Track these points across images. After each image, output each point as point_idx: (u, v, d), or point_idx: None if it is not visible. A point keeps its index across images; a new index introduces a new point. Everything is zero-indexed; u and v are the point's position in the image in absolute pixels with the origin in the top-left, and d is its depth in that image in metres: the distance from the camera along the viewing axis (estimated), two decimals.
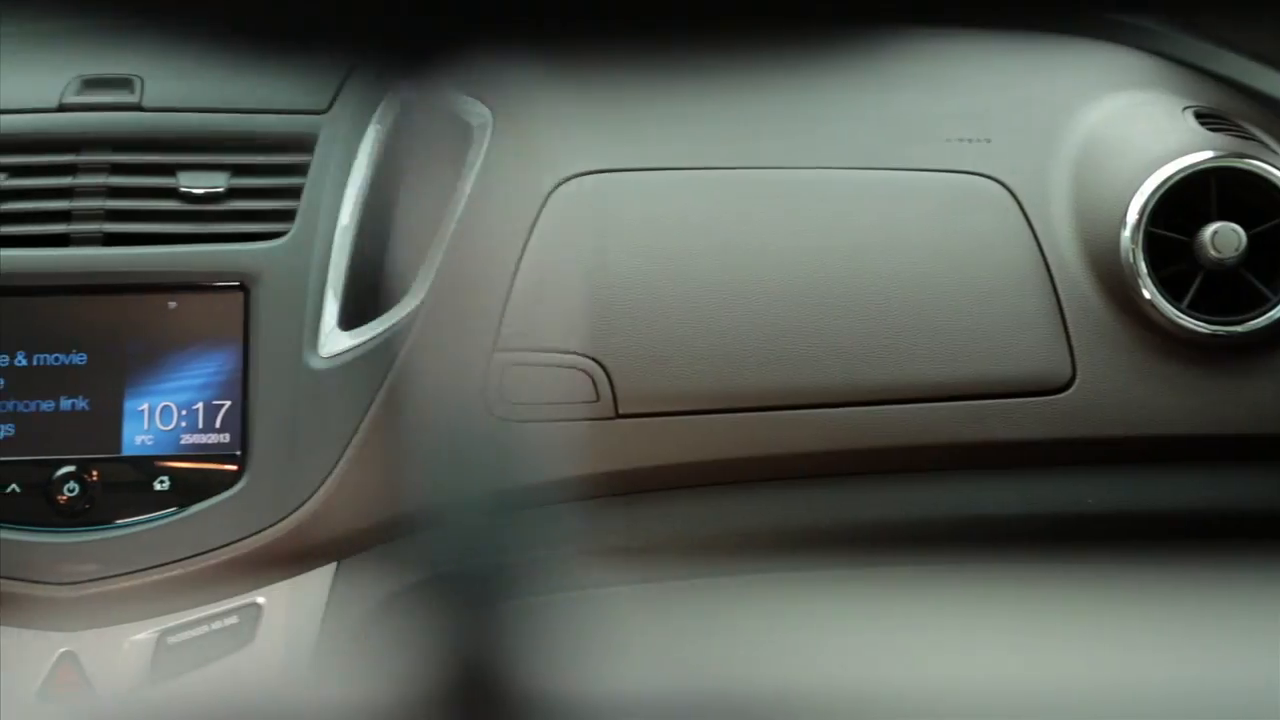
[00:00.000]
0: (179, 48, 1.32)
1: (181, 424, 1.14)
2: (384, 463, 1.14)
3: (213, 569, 1.12)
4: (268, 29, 1.33)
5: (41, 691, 1.12)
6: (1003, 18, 1.42)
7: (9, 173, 1.19)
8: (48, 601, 1.11)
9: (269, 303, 1.15)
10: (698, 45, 1.38)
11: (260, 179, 1.21)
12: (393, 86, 1.29)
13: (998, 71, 1.38)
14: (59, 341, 1.14)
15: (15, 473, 1.12)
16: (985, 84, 1.36)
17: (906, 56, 1.41)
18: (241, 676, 1.13)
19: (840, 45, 1.42)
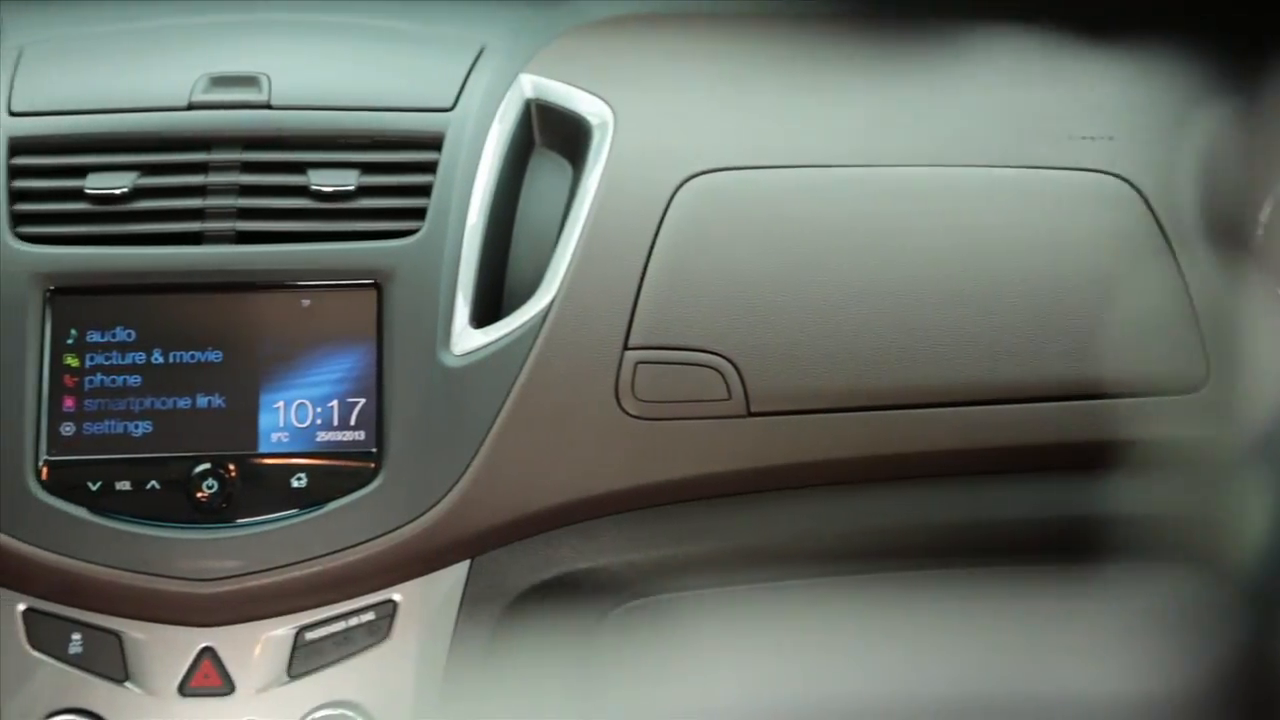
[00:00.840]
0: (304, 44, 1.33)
1: (317, 421, 1.14)
2: (517, 460, 1.14)
3: (350, 566, 1.12)
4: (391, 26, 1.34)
5: (182, 686, 1.12)
6: (1122, 14, 1.41)
7: (141, 171, 1.20)
8: (188, 598, 1.11)
9: (402, 300, 1.16)
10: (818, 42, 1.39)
11: (390, 177, 1.21)
12: (513, 83, 1.29)
13: (1117, 68, 1.38)
14: (195, 339, 1.15)
15: (155, 470, 1.13)
16: (1105, 81, 1.35)
17: (1024, 53, 1.41)
18: (374, 673, 1.14)
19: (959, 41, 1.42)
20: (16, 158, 1.20)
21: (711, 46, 1.41)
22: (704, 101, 1.31)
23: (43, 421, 1.12)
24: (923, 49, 1.43)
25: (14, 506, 1.11)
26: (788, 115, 1.30)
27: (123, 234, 1.17)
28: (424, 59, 1.33)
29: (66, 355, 1.14)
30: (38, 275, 1.15)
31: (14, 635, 1.13)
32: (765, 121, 1.29)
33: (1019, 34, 1.45)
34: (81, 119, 1.22)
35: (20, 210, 1.17)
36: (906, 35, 1.45)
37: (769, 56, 1.39)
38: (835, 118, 1.30)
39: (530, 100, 1.28)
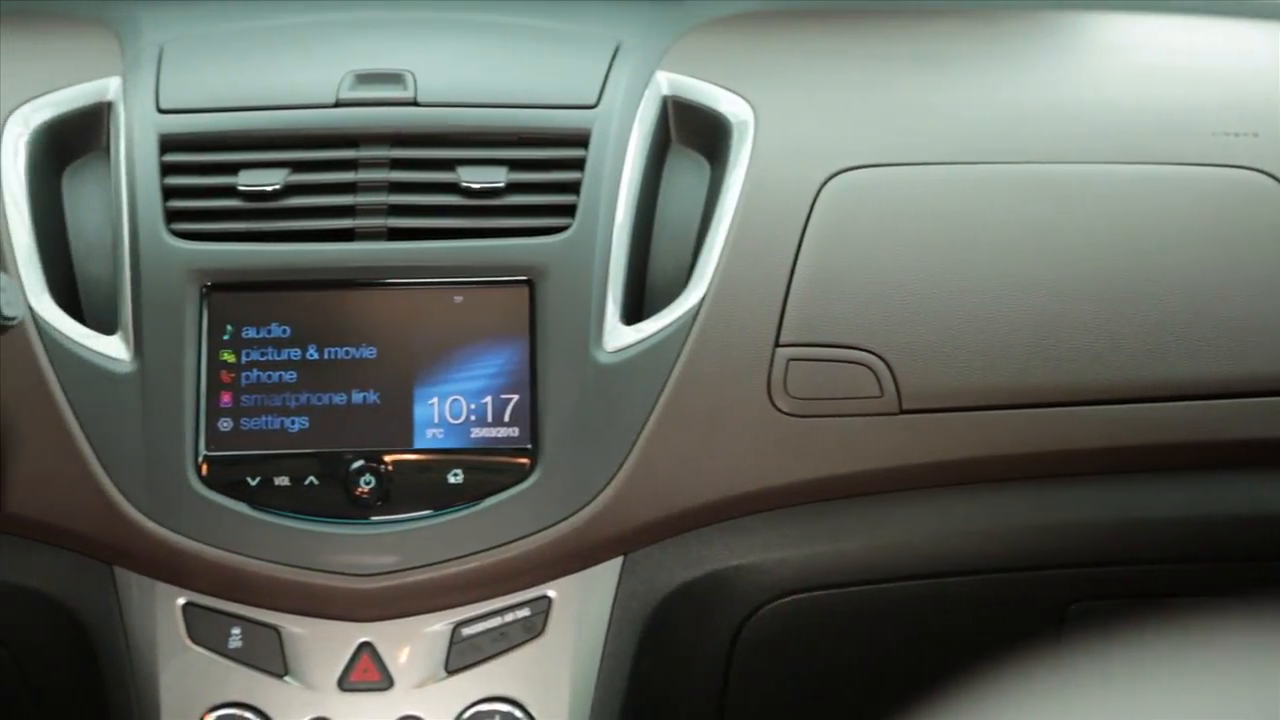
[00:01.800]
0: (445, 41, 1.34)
1: (471, 417, 1.15)
2: (672, 456, 1.14)
3: (506, 562, 1.13)
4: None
5: (342, 681, 1.13)
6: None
7: (292, 168, 1.20)
8: (348, 593, 1.12)
9: (555, 297, 1.16)
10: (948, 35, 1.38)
11: (538, 174, 1.21)
12: (650, 81, 1.29)
13: (1254, 62, 1.37)
14: (349, 335, 1.16)
15: (312, 465, 1.13)
16: (1243, 76, 1.34)
17: (1160, 48, 1.40)
18: (530, 669, 1.14)
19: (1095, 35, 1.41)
20: (167, 155, 1.21)
21: (842, 42, 1.41)
22: (842, 97, 1.31)
23: (201, 417, 1.13)
24: (1059, 42, 1.43)
25: (175, 502, 1.11)
26: (926, 111, 1.30)
27: (275, 231, 1.18)
28: (563, 56, 1.33)
29: (223, 351, 1.15)
30: (193, 272, 1.15)
31: (174, 629, 1.14)
32: (904, 117, 1.29)
33: (1155, 27, 1.44)
34: (231, 116, 1.23)
35: (173, 207, 1.18)
36: (1041, 28, 1.45)
37: (901, 51, 1.39)
38: (973, 113, 1.30)
39: (667, 97, 1.29)
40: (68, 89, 1.27)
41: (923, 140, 1.26)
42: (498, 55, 1.33)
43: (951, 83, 1.33)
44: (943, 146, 1.26)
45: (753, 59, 1.35)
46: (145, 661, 1.14)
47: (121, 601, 1.15)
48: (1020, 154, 1.26)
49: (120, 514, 1.11)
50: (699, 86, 1.29)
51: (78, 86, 1.28)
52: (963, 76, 1.35)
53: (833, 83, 1.33)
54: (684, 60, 1.32)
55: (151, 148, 1.21)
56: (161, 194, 1.18)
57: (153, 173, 1.19)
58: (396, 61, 1.28)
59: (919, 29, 1.43)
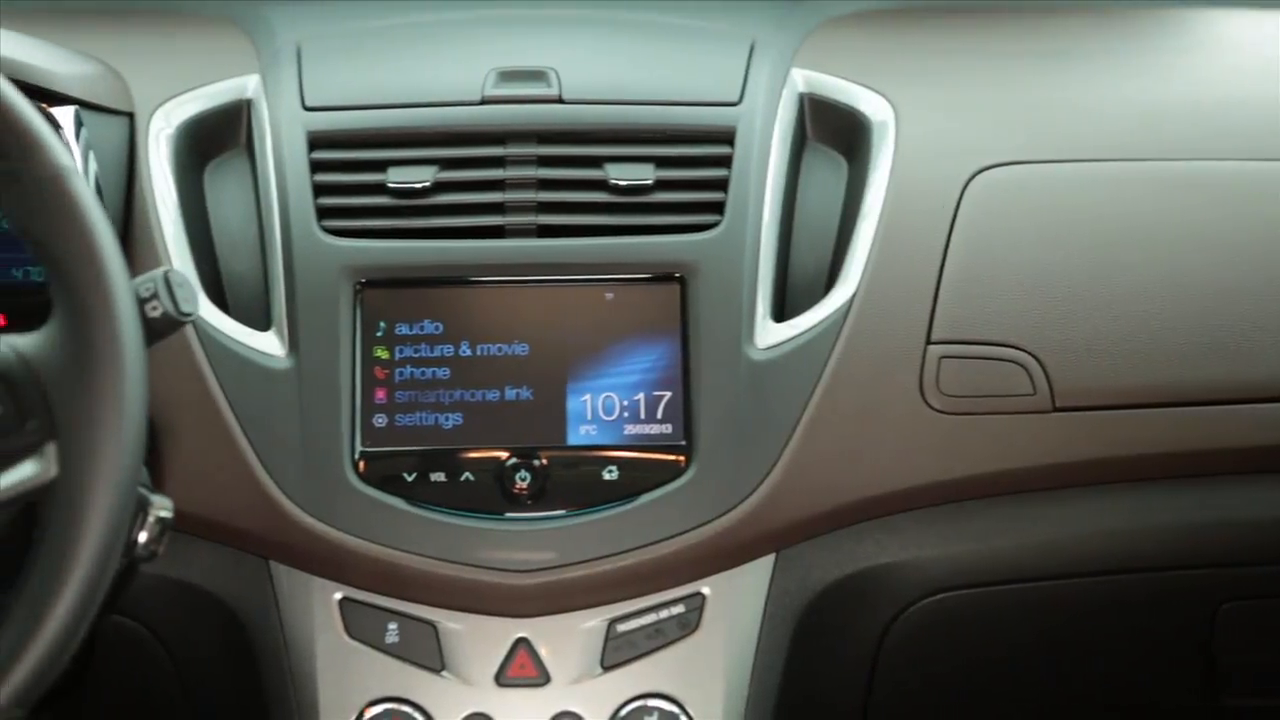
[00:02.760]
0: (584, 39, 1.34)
1: (624, 414, 1.15)
2: (825, 454, 1.14)
3: (661, 559, 1.13)
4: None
5: (499, 676, 1.14)
6: None
7: (440, 165, 1.21)
8: (505, 589, 1.12)
9: (706, 294, 1.16)
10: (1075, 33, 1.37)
11: (685, 171, 1.21)
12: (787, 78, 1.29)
13: None
14: (501, 332, 1.16)
15: (468, 461, 1.14)
16: None
17: None
18: (685, 665, 1.15)
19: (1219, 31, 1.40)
20: (316, 152, 1.21)
21: (974, 39, 1.40)
22: (981, 95, 1.31)
23: (357, 414, 1.13)
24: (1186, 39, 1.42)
25: (332, 497, 1.12)
26: (1065, 108, 1.29)
27: (426, 228, 1.19)
28: (701, 53, 1.33)
29: (376, 348, 1.15)
30: (347, 268, 1.16)
31: (331, 624, 1.15)
32: (1044, 114, 1.28)
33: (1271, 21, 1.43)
34: (378, 114, 1.24)
35: (323, 204, 1.19)
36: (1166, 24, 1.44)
37: (1033, 48, 1.38)
38: (1111, 110, 1.29)
39: (804, 94, 1.28)
40: (207, 87, 1.28)
41: (1064, 137, 1.26)
42: (637, 52, 1.33)
43: (1087, 79, 1.33)
44: (1084, 143, 1.26)
45: (886, 56, 1.35)
46: (303, 657, 1.15)
47: (278, 596, 1.16)
48: (1161, 151, 1.26)
49: (279, 509, 1.12)
50: (836, 84, 1.29)
51: (217, 84, 1.28)
52: (1097, 73, 1.34)
53: (970, 80, 1.33)
54: (816, 57, 1.32)
55: (300, 145, 1.21)
56: (312, 191, 1.19)
57: (302, 170, 1.20)
58: (538, 59, 1.28)
59: (1047, 26, 1.42)
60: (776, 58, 1.31)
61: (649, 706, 1.14)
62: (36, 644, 0.83)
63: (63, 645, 0.84)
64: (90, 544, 0.85)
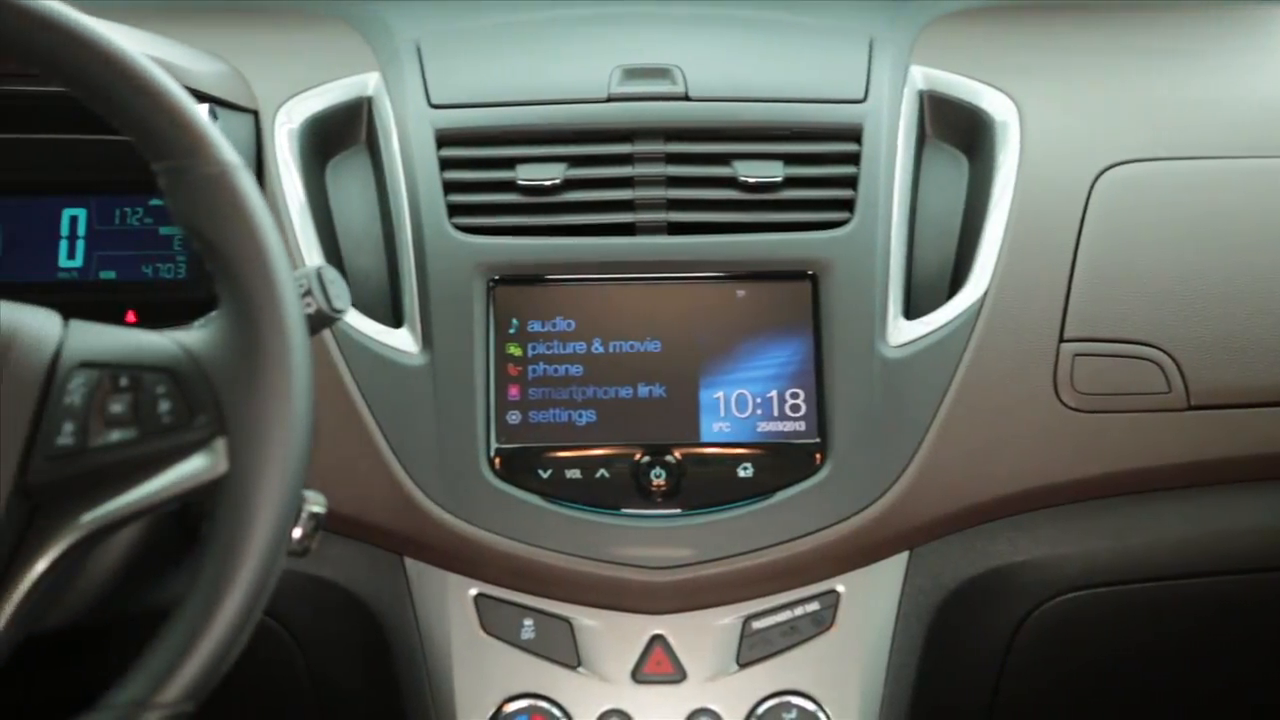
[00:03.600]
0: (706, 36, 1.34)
1: (757, 411, 1.15)
2: (960, 452, 1.14)
3: (797, 556, 1.13)
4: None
5: (635, 673, 1.14)
6: None
7: (569, 163, 1.21)
8: (641, 585, 1.12)
9: (838, 291, 1.16)
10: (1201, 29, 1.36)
11: (814, 168, 1.21)
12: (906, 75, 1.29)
13: None
14: (634, 329, 1.16)
15: (603, 458, 1.14)
16: None
17: None
18: (820, 662, 1.14)
19: None
20: (444, 149, 1.21)
21: (1090, 35, 1.39)
22: (1103, 91, 1.30)
23: (491, 410, 1.14)
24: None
25: (468, 493, 1.12)
26: (1189, 104, 1.29)
27: (556, 225, 1.19)
28: (822, 51, 1.33)
29: (509, 345, 1.16)
30: (480, 265, 1.16)
31: (467, 620, 1.15)
32: (1168, 111, 1.28)
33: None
34: (505, 111, 1.24)
35: (453, 201, 1.19)
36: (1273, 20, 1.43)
37: (1150, 45, 1.37)
38: (1235, 106, 1.29)
39: (923, 92, 1.28)
40: (328, 84, 1.28)
41: (1189, 134, 1.25)
42: (759, 50, 1.33)
43: (1206, 75, 1.32)
44: (1211, 140, 1.25)
45: (1004, 53, 1.34)
46: (439, 652, 1.15)
47: (413, 593, 1.16)
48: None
49: (415, 505, 1.12)
50: (956, 81, 1.29)
51: (336, 82, 1.29)
52: (1216, 69, 1.33)
53: (1089, 76, 1.32)
54: (933, 54, 1.32)
55: (428, 143, 1.22)
56: (442, 188, 1.19)
57: (431, 168, 1.20)
58: (661, 56, 1.28)
59: (1161, 22, 1.41)
60: (895, 55, 1.31)
61: (788, 704, 1.13)
62: (208, 639, 0.84)
63: (232, 640, 0.84)
64: (260, 540, 0.85)
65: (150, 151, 0.89)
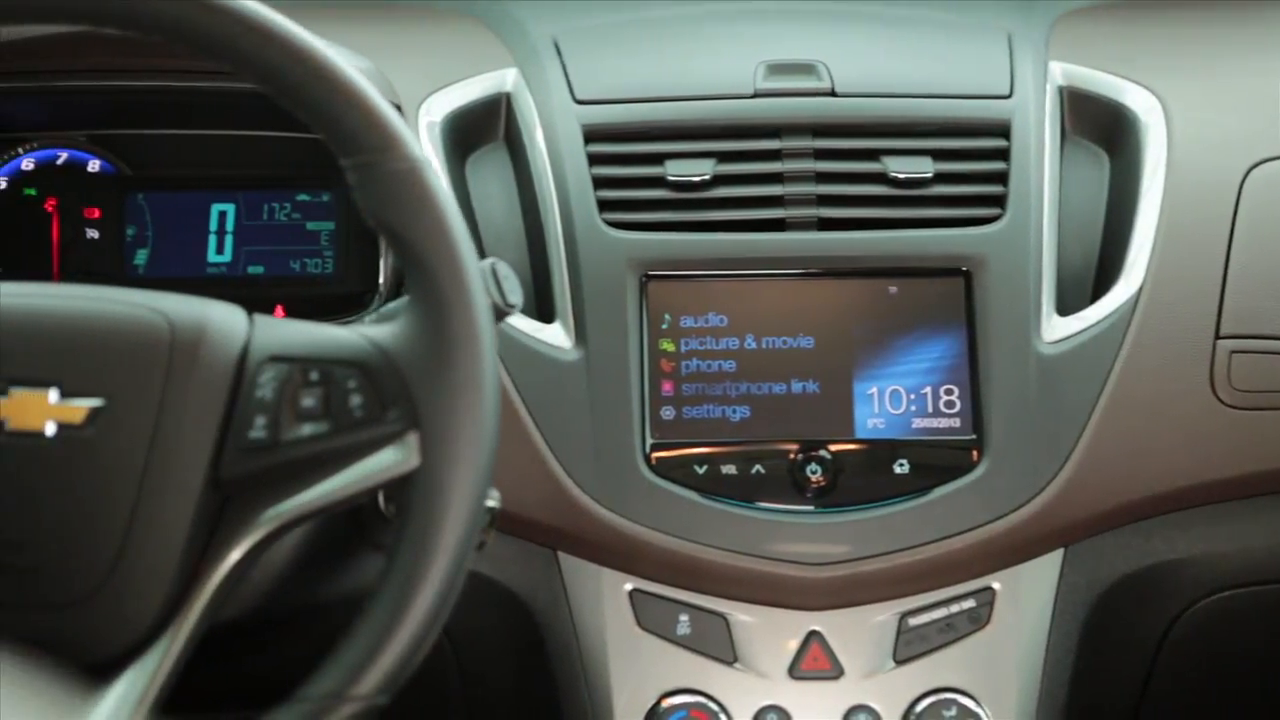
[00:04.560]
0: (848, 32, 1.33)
1: (911, 408, 1.14)
2: (1116, 448, 1.13)
3: (953, 553, 1.12)
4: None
5: (792, 669, 1.13)
6: None
7: (718, 158, 1.21)
8: (798, 582, 1.12)
9: (992, 288, 1.15)
10: None
11: (963, 164, 1.21)
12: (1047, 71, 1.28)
13: None
14: (786, 325, 1.16)
15: (758, 454, 1.14)
16: None
17: None
18: (976, 660, 1.14)
19: None
20: (591, 145, 1.21)
21: (1227, 29, 1.38)
22: (1246, 86, 1.29)
23: (646, 406, 1.14)
24: None
25: (624, 488, 1.12)
26: None
27: (707, 221, 1.19)
28: (964, 46, 1.33)
29: (662, 340, 1.16)
30: (632, 261, 1.16)
31: (622, 616, 1.15)
32: None
33: None
34: (652, 107, 1.24)
35: (603, 197, 1.19)
36: None
37: None
38: None
39: (1063, 88, 1.27)
40: (467, 81, 1.29)
41: None
42: (901, 45, 1.33)
43: None
44: None
45: (1142, 48, 1.34)
46: (594, 647, 1.15)
47: (567, 588, 1.16)
48: None
49: (571, 500, 1.13)
50: (1097, 77, 1.28)
51: (475, 79, 1.29)
52: None
53: (1230, 71, 1.31)
54: (1070, 50, 1.31)
55: (575, 138, 1.22)
56: (592, 184, 1.19)
57: (580, 163, 1.20)
58: (803, 52, 1.28)
59: None
60: (1033, 51, 1.30)
61: (947, 701, 1.13)
62: (403, 632, 0.84)
63: (426, 634, 0.85)
64: (453, 534, 0.85)
65: (340, 147, 0.90)
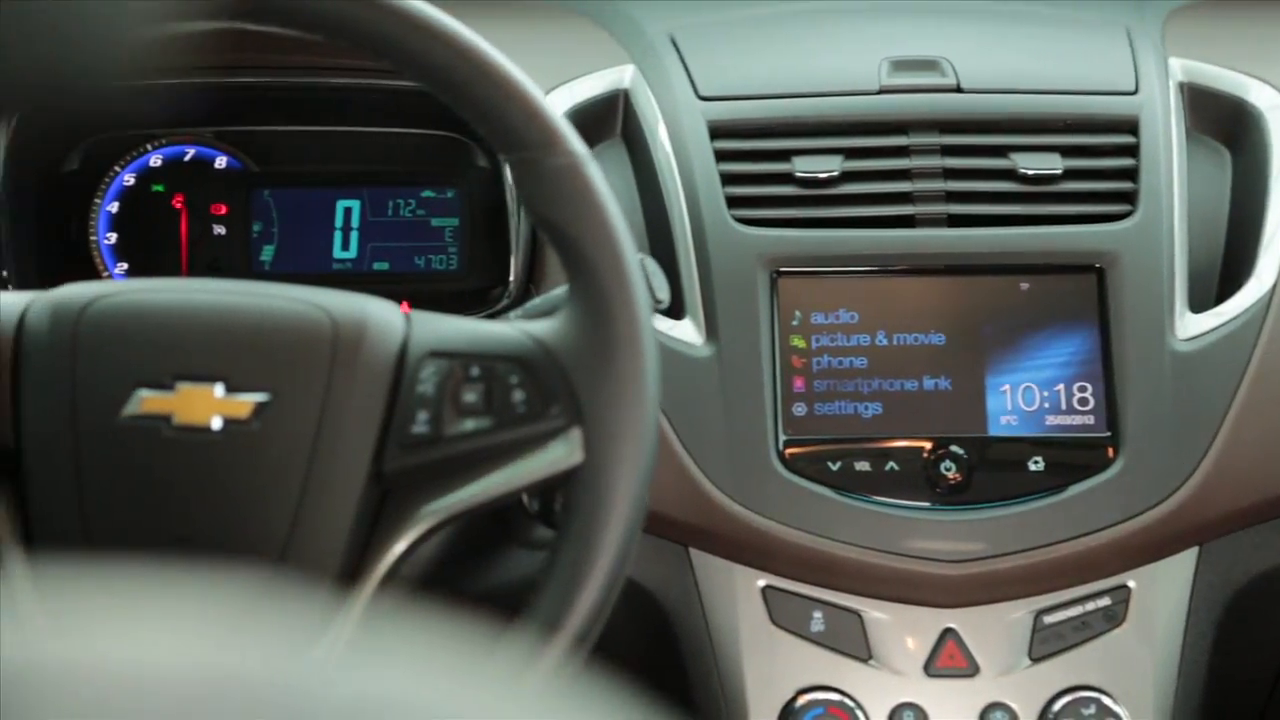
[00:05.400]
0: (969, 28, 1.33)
1: (1044, 405, 1.14)
2: (1253, 446, 1.13)
3: (1089, 551, 1.12)
4: None
5: (927, 666, 1.13)
6: None
7: (845, 155, 1.21)
8: (934, 579, 1.12)
9: (1126, 285, 1.15)
10: None
11: (1092, 160, 1.20)
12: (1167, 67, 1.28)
13: None
14: (917, 321, 1.16)
15: (891, 451, 1.14)
16: None
17: None
18: (1112, 658, 1.13)
19: None
20: (717, 141, 1.21)
21: None
22: None
23: (778, 402, 1.14)
24: None
25: (758, 485, 1.12)
26: None
27: (836, 217, 1.18)
28: (1085, 42, 1.32)
29: (793, 336, 1.16)
30: (763, 257, 1.16)
31: (756, 612, 1.15)
32: None
33: None
34: (777, 103, 1.24)
35: (731, 193, 1.19)
36: None
37: None
38: None
39: (1183, 84, 1.27)
40: (584, 78, 1.28)
41: None
42: (1022, 40, 1.33)
43: None
44: None
45: (1261, 44, 1.33)
46: (727, 644, 1.15)
47: (699, 584, 1.16)
48: None
49: (705, 496, 1.13)
50: (1218, 74, 1.27)
51: (593, 75, 1.29)
52: None
53: None
54: (1186, 45, 1.30)
55: (701, 135, 1.22)
56: (720, 180, 1.19)
57: (707, 160, 1.20)
58: (924, 48, 1.28)
59: None
60: (1152, 47, 1.29)
61: (1085, 699, 1.13)
62: (565, 631, 0.84)
63: (585, 634, 0.85)
64: (617, 532, 0.86)
65: (501, 143, 0.90)
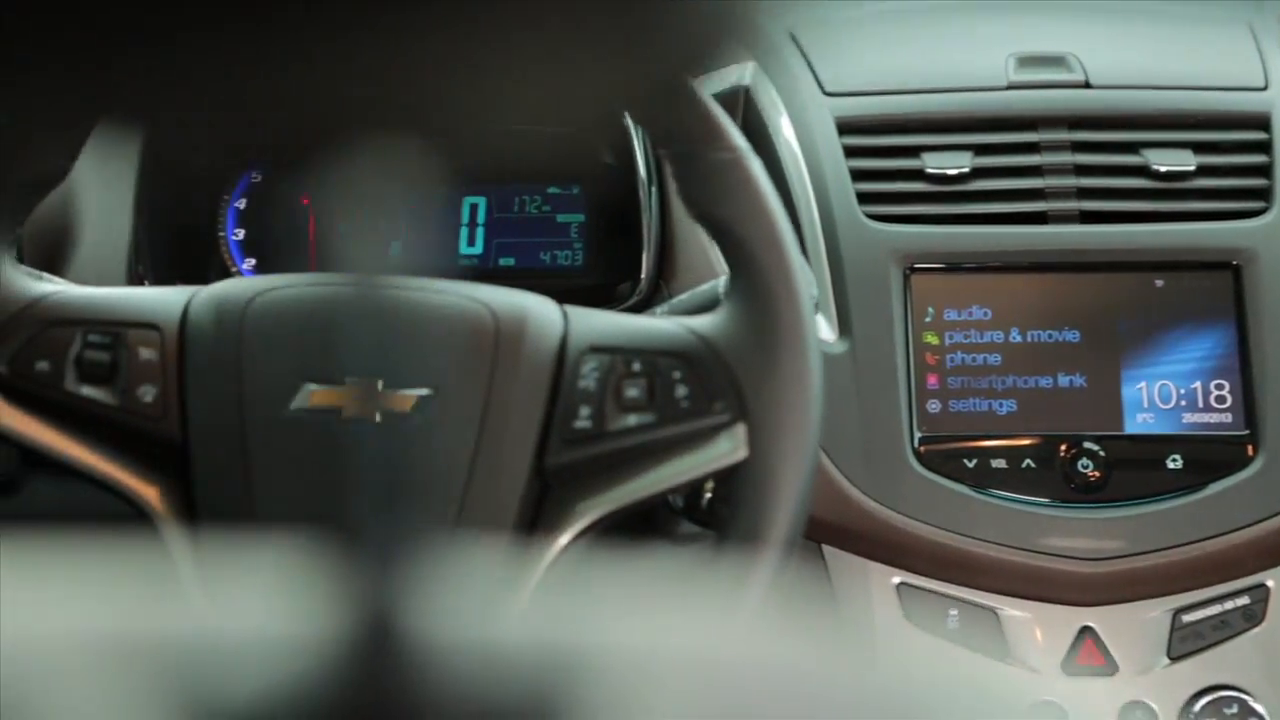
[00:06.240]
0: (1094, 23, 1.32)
1: (1181, 403, 1.13)
2: None
3: (1228, 550, 1.11)
4: None
5: (1065, 664, 1.13)
6: None
7: (974, 151, 1.20)
8: (1072, 577, 1.11)
9: (1265, 282, 1.14)
10: None
11: (1225, 157, 1.20)
12: None
13: None
14: (1051, 319, 1.15)
15: (1027, 448, 1.13)
16: None
17: None
18: (1253, 657, 1.13)
19: None
20: (845, 137, 1.21)
21: None
22: None
23: (913, 399, 1.13)
24: None
25: (894, 482, 1.12)
26: None
27: (967, 214, 1.18)
28: (1211, 37, 1.31)
29: (926, 333, 1.15)
30: (896, 254, 1.16)
31: (891, 609, 1.15)
32: None
33: None
34: (905, 99, 1.23)
35: (861, 189, 1.19)
36: None
37: None
38: None
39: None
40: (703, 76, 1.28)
41: None
42: (1148, 36, 1.32)
43: None
44: None
45: None
46: (861, 641, 1.15)
47: (832, 580, 1.16)
48: None
49: (841, 493, 1.12)
50: None
51: (713, 73, 1.29)
52: None
53: None
54: None
55: (829, 131, 1.21)
56: (849, 176, 1.19)
57: (836, 156, 1.20)
58: (1050, 44, 1.27)
59: None
60: (1276, 43, 1.28)
61: (1227, 699, 1.12)
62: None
63: None
64: (782, 528, 0.86)
65: (662, 137, 0.90)
